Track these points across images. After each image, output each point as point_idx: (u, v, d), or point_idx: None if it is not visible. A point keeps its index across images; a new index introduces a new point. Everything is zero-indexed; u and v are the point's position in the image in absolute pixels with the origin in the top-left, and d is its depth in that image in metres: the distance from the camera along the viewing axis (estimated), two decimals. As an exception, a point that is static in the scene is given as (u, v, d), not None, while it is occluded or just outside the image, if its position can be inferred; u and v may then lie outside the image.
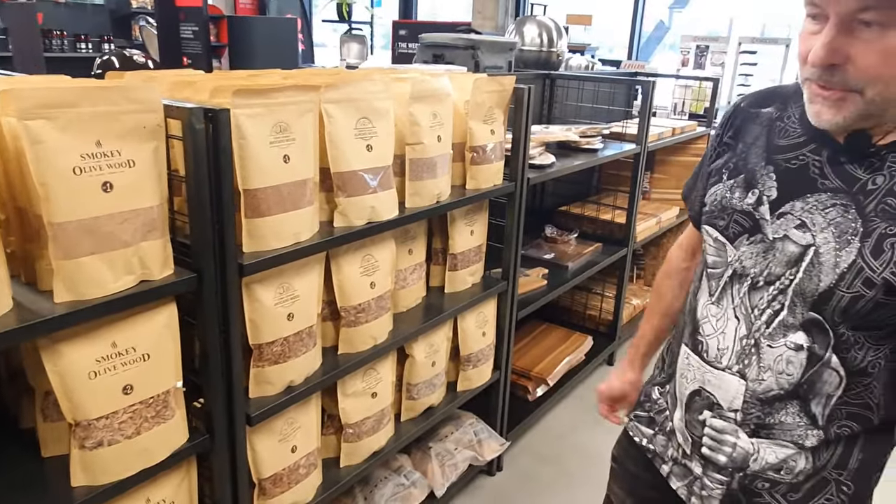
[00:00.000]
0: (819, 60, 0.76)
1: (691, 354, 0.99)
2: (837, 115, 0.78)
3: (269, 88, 1.21)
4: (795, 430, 0.90)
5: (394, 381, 1.78)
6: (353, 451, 1.67)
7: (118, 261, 1.02)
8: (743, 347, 0.91)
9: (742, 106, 1.01)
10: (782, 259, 0.86)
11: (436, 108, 1.64)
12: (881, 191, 0.80)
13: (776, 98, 0.97)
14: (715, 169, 1.00)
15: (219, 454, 1.26)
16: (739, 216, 0.92)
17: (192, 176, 1.09)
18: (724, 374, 0.93)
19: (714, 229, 0.96)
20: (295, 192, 1.30)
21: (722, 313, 0.94)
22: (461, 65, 2.66)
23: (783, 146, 0.90)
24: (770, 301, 0.88)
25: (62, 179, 0.93)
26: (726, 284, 0.93)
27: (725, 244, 0.94)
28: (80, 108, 0.94)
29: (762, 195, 0.90)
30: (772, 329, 0.88)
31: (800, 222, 0.85)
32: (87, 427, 1.03)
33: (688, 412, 1.00)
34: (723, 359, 0.93)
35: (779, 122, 0.93)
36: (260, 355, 1.33)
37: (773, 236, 0.88)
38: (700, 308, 0.98)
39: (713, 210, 0.97)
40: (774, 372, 0.88)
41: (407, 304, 1.83)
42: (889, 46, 0.72)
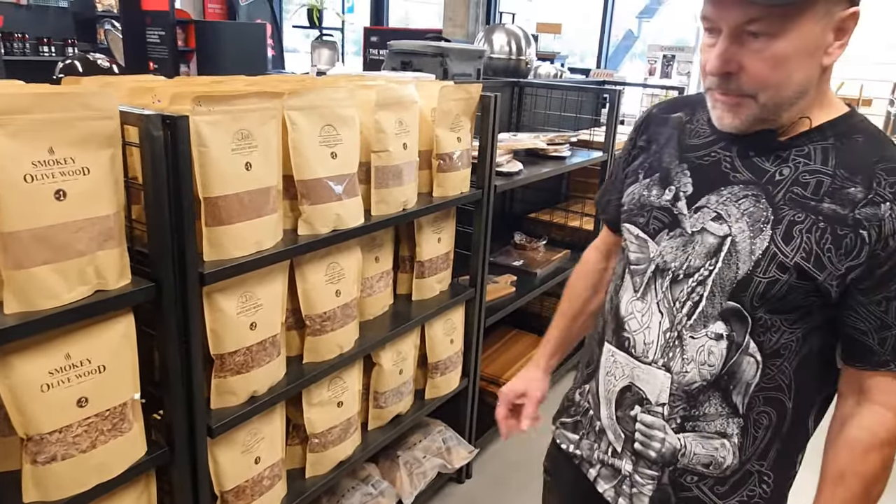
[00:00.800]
0: (715, 70, 0.83)
1: (617, 351, 1.00)
2: (736, 118, 0.86)
3: (231, 95, 1.20)
4: (718, 420, 0.93)
5: (360, 389, 1.76)
6: (318, 462, 1.66)
7: (72, 271, 0.99)
8: (667, 340, 0.93)
9: (654, 112, 1.07)
10: (701, 251, 0.90)
11: (402, 116, 1.64)
12: (788, 181, 0.87)
13: (685, 105, 1.03)
14: (631, 171, 1.05)
15: (179, 467, 1.24)
16: (658, 212, 0.96)
17: (150, 184, 1.07)
18: (651, 368, 0.95)
19: (635, 227, 0.99)
20: (257, 199, 1.28)
21: (647, 308, 0.96)
22: (430, 72, 2.66)
23: (695, 145, 0.96)
24: (689, 293, 0.91)
25: (12, 187, 0.91)
26: (650, 280, 0.96)
27: (647, 240, 0.97)
28: (32, 115, 0.92)
29: (678, 191, 0.94)
30: (692, 320, 0.91)
31: (716, 214, 0.90)
32: (39, 441, 1.00)
33: (619, 409, 1.01)
34: (650, 353, 0.95)
35: (689, 124, 0.99)
36: (222, 365, 1.31)
37: (691, 230, 0.92)
38: (624, 305, 1.00)
39: (632, 208, 1.00)
40: (697, 363, 0.91)
41: (374, 312, 1.82)
42: (775, 54, 0.79)
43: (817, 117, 0.87)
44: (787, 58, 0.80)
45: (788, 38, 0.78)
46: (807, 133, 0.88)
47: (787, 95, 0.83)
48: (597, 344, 1.06)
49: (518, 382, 1.26)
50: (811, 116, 0.87)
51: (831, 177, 0.85)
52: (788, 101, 0.84)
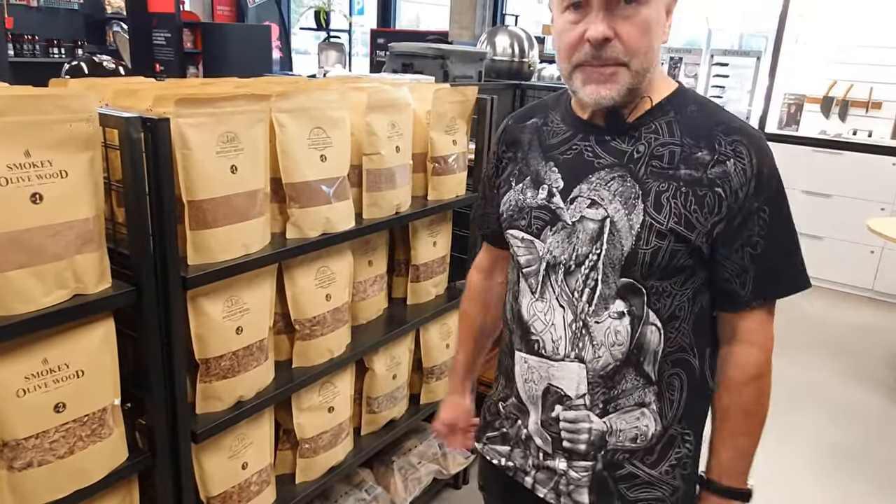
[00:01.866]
0: (599, 34, 0.85)
1: (529, 357, 1.02)
2: (612, 89, 0.89)
3: (216, 97, 1.19)
4: (636, 393, 0.96)
5: (352, 394, 1.75)
6: (309, 467, 1.64)
7: (49, 274, 0.98)
8: (574, 332, 0.96)
9: (510, 124, 1.11)
10: (585, 238, 0.94)
11: (394, 118, 1.62)
12: (645, 156, 0.93)
13: (536, 111, 1.09)
14: (503, 180, 1.08)
15: (161, 473, 1.22)
16: (537, 212, 0.99)
17: (130, 186, 1.06)
18: (564, 363, 0.97)
19: (518, 230, 1.02)
20: (244, 202, 1.27)
21: (547, 307, 0.98)
22: (430, 74, 2.65)
23: (555, 143, 1.01)
24: (584, 280, 0.95)
25: (-14, 190, 0.90)
26: (544, 278, 0.98)
27: (532, 240, 1.00)
28: (7, 118, 0.91)
29: (551, 188, 0.98)
30: (594, 306, 0.94)
31: (591, 201, 0.94)
32: (15, 447, 0.99)
33: (543, 412, 1.02)
34: (560, 349, 0.97)
35: (544, 127, 1.04)
36: (207, 370, 1.29)
37: (571, 220, 0.95)
38: (525, 309, 1.02)
39: (512, 214, 1.03)
40: (607, 346, 0.95)
41: (367, 317, 1.81)
42: (645, 20, 0.86)
43: (655, 96, 0.94)
44: (651, 25, 0.87)
45: (651, 5, 0.86)
46: (649, 111, 0.94)
47: (650, 64, 0.89)
48: (508, 356, 1.07)
49: (445, 412, 1.30)
50: (651, 95, 0.94)
51: (680, 146, 0.92)
52: (648, 71, 0.90)
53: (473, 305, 1.27)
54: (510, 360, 1.06)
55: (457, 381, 1.31)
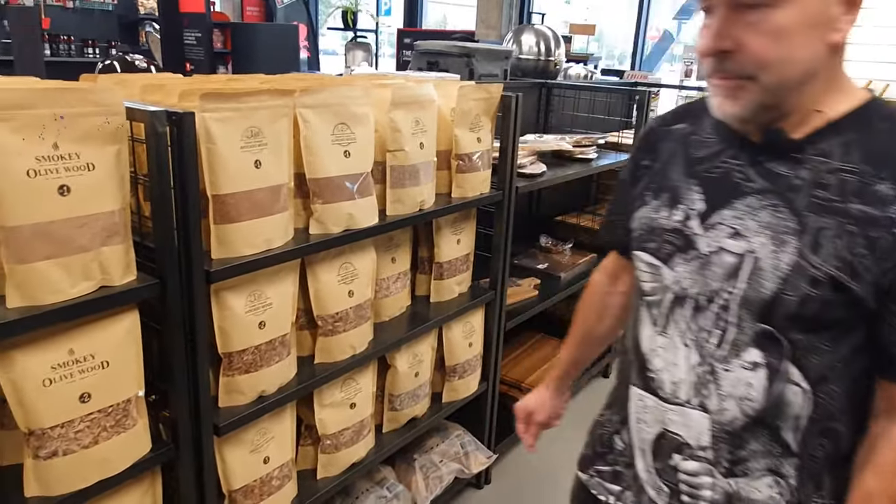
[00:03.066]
0: (707, 48, 0.76)
1: (645, 395, 0.91)
2: (736, 104, 0.77)
3: (240, 92, 1.19)
4: (769, 460, 0.83)
5: (374, 391, 1.75)
6: (330, 463, 1.64)
7: (76, 266, 0.99)
8: (698, 377, 0.84)
9: (654, 126, 0.99)
10: (720, 273, 0.82)
11: (418, 115, 1.61)
12: (808, 184, 0.78)
13: (688, 115, 0.95)
14: (637, 193, 0.96)
15: (184, 465, 1.23)
16: (669, 235, 0.87)
17: (155, 180, 1.07)
18: (684, 409, 0.86)
19: (646, 253, 0.91)
20: (267, 197, 1.27)
21: (670, 343, 0.87)
22: (456, 72, 2.64)
23: (701, 157, 0.88)
24: (716, 320, 0.82)
25: (16, 182, 0.91)
26: (669, 311, 0.87)
27: (660, 267, 0.88)
28: (37, 110, 0.92)
29: (689, 210, 0.86)
30: (724, 351, 0.82)
31: (732, 231, 0.81)
32: (41, 436, 1.01)
33: (657, 459, 0.91)
34: (680, 393, 0.86)
35: (693, 136, 0.91)
36: (230, 364, 1.30)
37: (706, 250, 0.83)
38: (644, 341, 0.91)
39: (642, 234, 0.92)
40: (736, 398, 0.82)
41: (390, 314, 1.80)
42: (775, 26, 0.72)
43: (832, 108, 0.79)
44: (787, 30, 0.72)
45: (788, 7, 0.71)
46: (821, 130, 0.79)
47: (792, 77, 0.75)
48: (624, 387, 0.98)
49: (529, 400, 1.25)
50: (824, 108, 0.78)
51: (856, 174, 0.76)
52: (793, 85, 0.76)
53: (588, 309, 1.18)
54: (625, 391, 0.96)
55: (552, 375, 1.24)
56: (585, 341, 1.20)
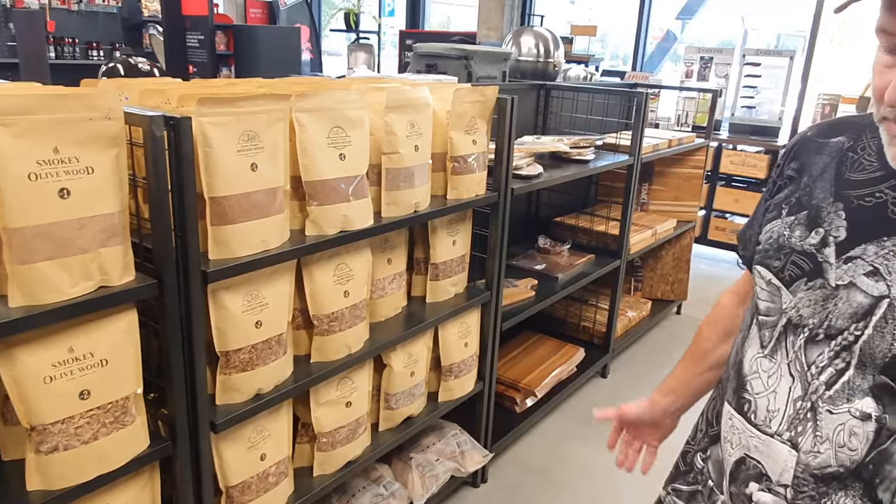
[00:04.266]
0: (892, 100, 0.67)
1: (735, 415, 0.86)
2: None
3: (237, 97, 1.22)
4: None
5: (370, 390, 1.77)
6: (326, 461, 1.67)
7: (76, 266, 1.02)
8: (797, 411, 0.78)
9: (808, 135, 0.90)
10: (846, 310, 0.74)
11: (413, 118, 1.64)
12: None
13: (848, 127, 0.85)
14: (774, 204, 0.89)
15: (181, 461, 1.26)
16: (798, 257, 0.80)
17: (153, 183, 1.10)
18: (773, 441, 0.80)
19: (767, 270, 0.84)
20: (263, 199, 1.30)
21: (775, 368, 0.81)
22: (454, 75, 2.66)
23: (856, 181, 0.79)
24: (832, 358, 0.75)
25: (17, 185, 0.94)
26: (780, 335, 0.81)
27: (780, 288, 0.82)
28: (37, 115, 0.95)
29: (828, 235, 0.78)
30: (833, 392, 0.75)
31: (871, 269, 0.73)
32: (42, 431, 1.04)
33: (733, 483, 0.86)
34: (772, 423, 0.80)
35: (851, 153, 0.82)
36: (227, 362, 1.33)
37: (836, 282, 0.75)
38: (748, 361, 0.85)
39: (768, 248, 0.85)
40: (834, 444, 0.75)
41: (386, 314, 1.83)
42: None
43: None
44: None
45: None
46: None
47: None
48: (720, 402, 0.92)
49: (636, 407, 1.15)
50: None
51: None
52: None
53: (712, 329, 1.09)
54: (720, 407, 0.91)
55: (659, 386, 1.15)
56: (701, 360, 1.10)
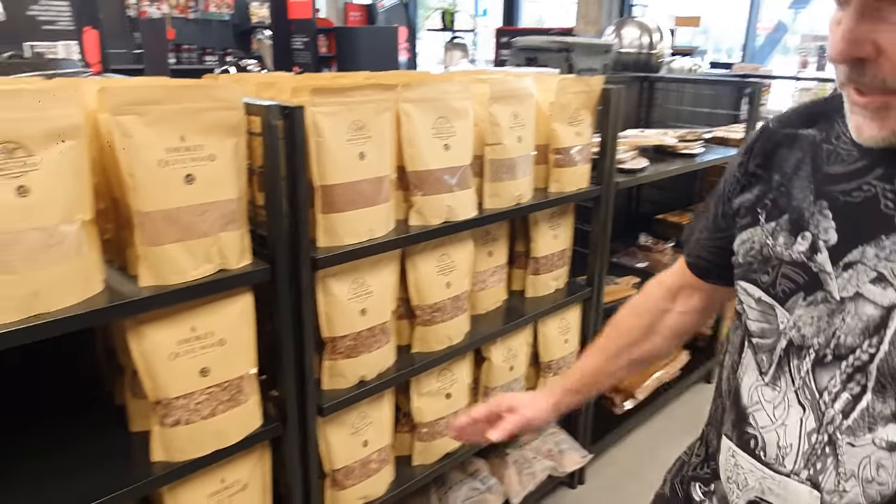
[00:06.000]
0: (839, 55, 0.59)
1: (739, 453, 0.76)
2: (883, 128, 0.60)
3: (347, 87, 1.25)
4: None
5: (470, 383, 1.77)
6: (426, 451, 1.68)
7: (198, 249, 1.07)
8: (812, 446, 0.68)
9: (773, 128, 0.79)
10: (856, 326, 0.65)
11: (516, 109, 1.62)
12: None
13: (818, 116, 0.75)
14: (743, 207, 0.79)
15: (290, 442, 1.30)
16: (790, 269, 0.71)
17: (269, 170, 1.14)
18: (788, 481, 0.70)
19: (755, 286, 0.74)
20: (370, 188, 1.32)
21: (780, 398, 0.71)
22: (554, 68, 2.62)
23: (838, 174, 0.69)
24: (845, 382, 0.66)
25: (148, 171, 1.00)
26: (781, 359, 0.71)
27: (774, 306, 0.72)
28: (166, 105, 1.00)
29: (816, 239, 0.69)
30: (851, 421, 0.66)
31: (876, 275, 0.63)
32: (167, 405, 1.10)
33: None
34: (786, 460, 0.70)
35: (826, 144, 0.72)
36: (333, 348, 1.36)
37: (840, 295, 0.66)
38: (746, 391, 0.75)
39: (751, 262, 0.75)
40: (860, 480, 0.66)
41: (486, 307, 1.82)
42: None
43: None
44: None
45: None
46: None
47: None
48: (715, 434, 0.83)
49: (518, 398, 1.04)
50: None
51: None
52: None
53: (634, 320, 1.00)
54: (716, 440, 0.82)
55: (558, 384, 1.06)
56: (616, 358, 1.01)
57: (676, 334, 0.99)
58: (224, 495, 1.23)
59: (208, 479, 1.20)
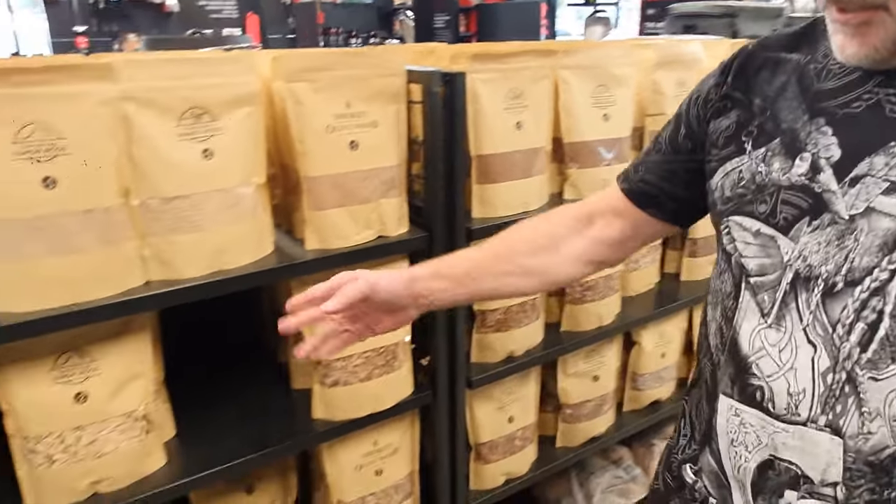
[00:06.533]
0: None
1: (745, 409, 0.69)
2: (864, 45, 0.58)
3: (505, 53, 1.21)
4: None
5: (618, 367, 1.69)
6: (569, 433, 1.63)
7: (360, 215, 1.09)
8: (829, 387, 0.62)
9: (751, 49, 0.73)
10: (871, 244, 0.59)
11: (683, 76, 1.50)
12: None
13: (802, 39, 0.70)
14: (722, 136, 0.72)
15: (440, 411, 1.31)
16: (790, 194, 0.65)
17: (429, 139, 1.13)
18: (805, 430, 0.64)
19: (751, 219, 0.68)
20: (526, 159, 1.28)
21: (787, 339, 0.65)
22: (716, 35, 2.42)
23: (833, 89, 0.64)
24: (859, 310, 0.60)
25: (317, 137, 1.02)
26: (786, 296, 0.65)
27: (775, 237, 0.66)
28: (334, 72, 1.02)
29: (817, 158, 0.63)
30: (871, 353, 0.60)
31: (889, 184, 0.59)
32: (327, 366, 1.14)
33: (760, 496, 0.69)
34: (800, 408, 0.64)
35: (813, 64, 0.67)
36: (483, 322, 1.35)
37: (849, 213, 0.61)
38: (746, 338, 0.68)
39: (742, 193, 0.69)
40: (888, 418, 0.60)
41: (637, 289, 1.72)
42: None
43: None
44: None
45: None
46: None
47: None
48: (705, 399, 0.76)
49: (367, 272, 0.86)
50: None
51: None
52: None
53: (535, 228, 0.90)
54: (708, 406, 0.75)
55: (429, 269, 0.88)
56: (505, 260, 0.88)
57: (579, 260, 0.87)
58: (376, 457, 1.26)
59: (363, 440, 1.23)
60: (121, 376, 0.96)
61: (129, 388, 0.97)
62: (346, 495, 1.25)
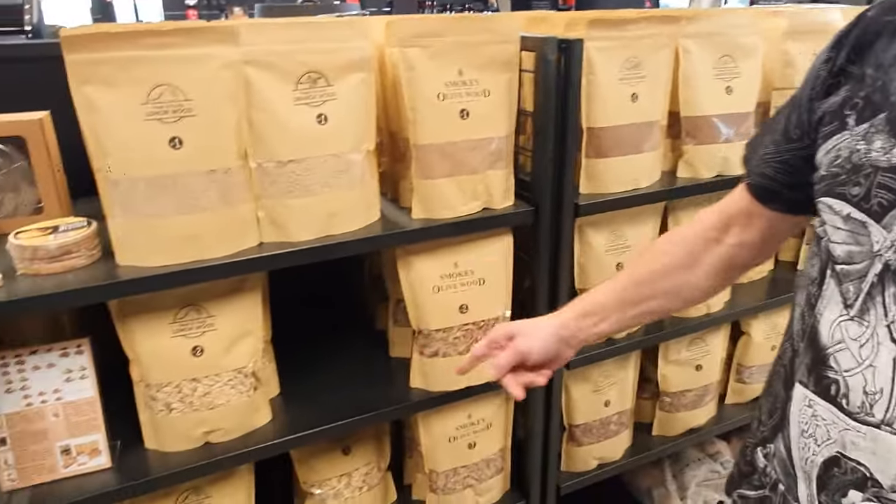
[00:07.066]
0: None
1: (818, 401, 0.65)
2: None
3: (624, 20, 1.15)
4: None
5: (723, 357, 1.60)
6: (667, 422, 1.57)
7: (467, 185, 1.07)
8: None
9: (871, 14, 0.64)
10: None
11: (817, 48, 1.37)
12: None
13: None
14: (828, 113, 0.65)
15: (536, 389, 1.28)
16: (888, 177, 0.58)
17: (541, 109, 1.09)
18: (879, 432, 0.60)
19: (843, 202, 0.62)
20: (639, 134, 1.22)
21: (869, 334, 0.60)
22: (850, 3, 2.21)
23: None
24: None
25: (428, 104, 1.01)
26: (873, 288, 0.60)
27: (867, 223, 0.60)
28: (446, 38, 1.00)
29: None
30: None
31: None
32: (427, 336, 1.13)
33: (823, 491, 0.66)
34: (875, 408, 0.60)
35: None
36: (584, 300, 1.30)
37: None
38: (827, 328, 0.64)
39: (837, 172, 0.63)
40: None
41: (749, 276, 1.62)
42: None
43: None
44: None
45: None
46: None
47: None
48: (782, 383, 0.72)
49: (517, 325, 0.91)
50: None
51: None
52: None
53: (670, 247, 0.88)
54: (784, 390, 0.72)
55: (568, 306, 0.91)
56: (646, 286, 0.86)
57: (723, 269, 0.85)
58: (469, 430, 1.26)
59: (458, 413, 1.23)
60: (233, 333, 0.99)
61: (241, 345, 1.00)
62: (439, 465, 1.26)
